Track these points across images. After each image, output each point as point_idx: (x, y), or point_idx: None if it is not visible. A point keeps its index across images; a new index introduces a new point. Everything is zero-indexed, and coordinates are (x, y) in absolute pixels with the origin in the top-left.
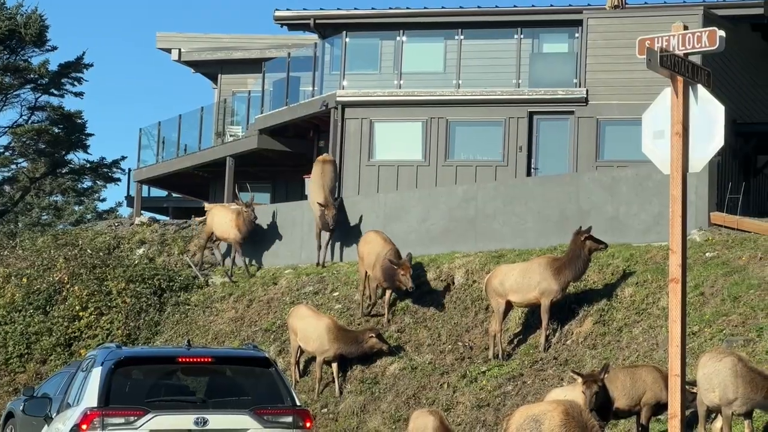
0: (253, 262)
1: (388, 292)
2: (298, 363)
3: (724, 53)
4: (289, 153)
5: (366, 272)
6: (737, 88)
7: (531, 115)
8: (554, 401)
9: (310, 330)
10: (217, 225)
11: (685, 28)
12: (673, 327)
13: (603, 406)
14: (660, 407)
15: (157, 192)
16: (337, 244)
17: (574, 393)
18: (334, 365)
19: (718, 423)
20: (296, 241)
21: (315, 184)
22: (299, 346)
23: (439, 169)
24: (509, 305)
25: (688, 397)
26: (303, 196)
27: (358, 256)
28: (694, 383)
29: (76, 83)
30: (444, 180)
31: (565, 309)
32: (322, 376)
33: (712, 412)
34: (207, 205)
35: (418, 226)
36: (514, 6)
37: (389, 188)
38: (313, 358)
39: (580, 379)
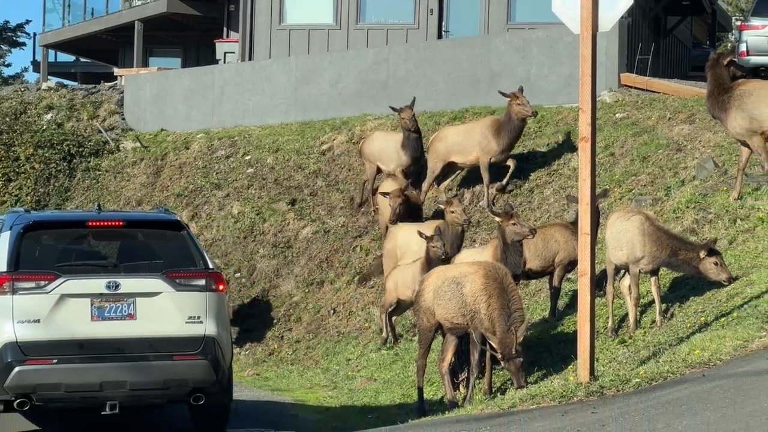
0: (163, 127)
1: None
2: None
3: None
4: (200, 17)
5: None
6: None
7: None
8: (475, 263)
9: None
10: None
11: None
12: (582, 186)
13: (515, 261)
14: (573, 266)
15: (65, 57)
16: (249, 107)
17: (484, 254)
18: None
19: (626, 281)
20: (208, 106)
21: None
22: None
23: (351, 32)
24: (452, 166)
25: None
26: (214, 60)
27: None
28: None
29: None
30: (355, 44)
31: (476, 170)
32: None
33: (620, 270)
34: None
35: (330, 89)
36: None
37: (301, 52)
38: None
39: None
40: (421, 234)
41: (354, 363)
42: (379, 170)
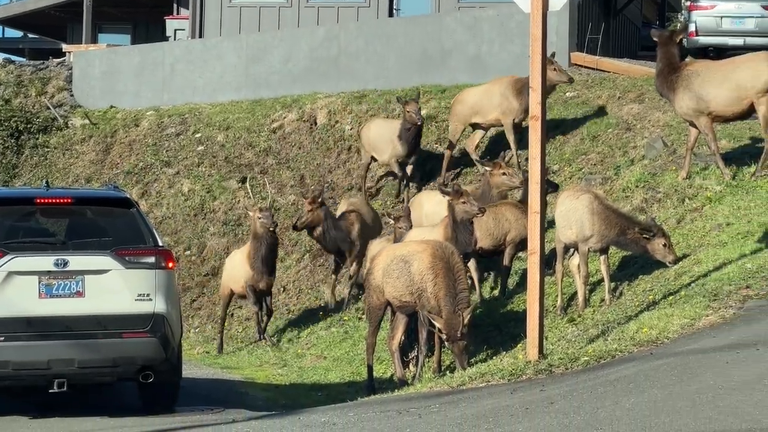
0: (113, 104)
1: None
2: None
3: None
4: None
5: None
6: None
7: None
8: (423, 242)
9: None
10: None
11: None
12: (533, 164)
13: (466, 240)
14: (523, 245)
15: (13, 33)
16: (200, 84)
17: (435, 233)
18: None
19: (575, 259)
20: (158, 83)
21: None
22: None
23: (302, 10)
24: (477, 126)
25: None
26: (164, 38)
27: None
28: None
29: None
30: (306, 21)
31: (426, 148)
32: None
33: (570, 249)
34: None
35: (281, 67)
36: None
37: (251, 30)
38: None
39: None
40: (443, 191)
41: (303, 341)
42: (374, 160)
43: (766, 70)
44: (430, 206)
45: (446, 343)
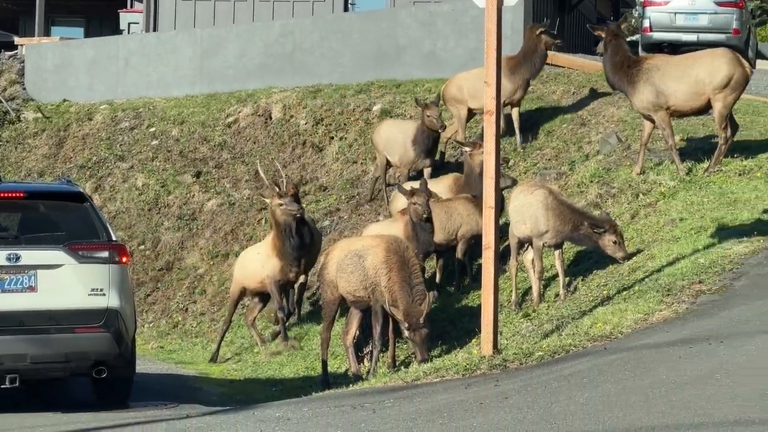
0: (66, 98)
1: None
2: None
3: None
4: None
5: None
6: None
7: None
8: (377, 236)
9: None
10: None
11: None
12: (487, 159)
13: (426, 239)
14: (476, 240)
15: None
16: (154, 78)
17: (392, 228)
18: None
19: (530, 254)
20: (111, 77)
21: None
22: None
23: (256, 4)
24: (470, 113)
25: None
26: (118, 31)
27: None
28: None
29: None
30: (261, 16)
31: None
32: None
33: (524, 244)
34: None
35: (236, 62)
36: None
37: (206, 24)
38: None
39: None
40: (401, 190)
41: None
42: (389, 163)
43: (724, 67)
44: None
45: (407, 332)
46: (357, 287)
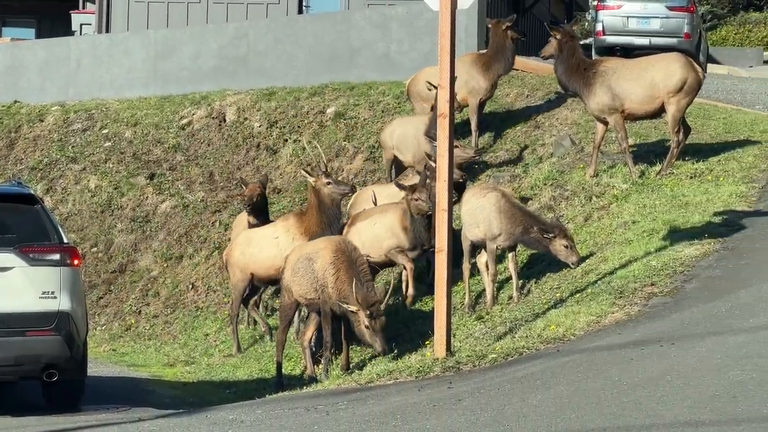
0: (17, 99)
1: None
2: None
3: None
4: None
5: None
6: None
7: None
8: (327, 239)
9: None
10: None
11: None
12: (440, 161)
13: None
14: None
15: None
16: (107, 80)
17: (386, 217)
18: None
19: (483, 257)
20: (63, 78)
21: None
22: None
23: (210, 6)
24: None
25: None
26: (70, 32)
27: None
28: None
29: None
30: (215, 18)
31: (335, 145)
32: None
33: (477, 247)
34: None
35: (190, 64)
36: None
37: (160, 25)
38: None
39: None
40: (399, 186)
41: (212, 338)
42: (397, 160)
43: (678, 71)
44: (380, 200)
45: (366, 321)
46: (308, 290)
